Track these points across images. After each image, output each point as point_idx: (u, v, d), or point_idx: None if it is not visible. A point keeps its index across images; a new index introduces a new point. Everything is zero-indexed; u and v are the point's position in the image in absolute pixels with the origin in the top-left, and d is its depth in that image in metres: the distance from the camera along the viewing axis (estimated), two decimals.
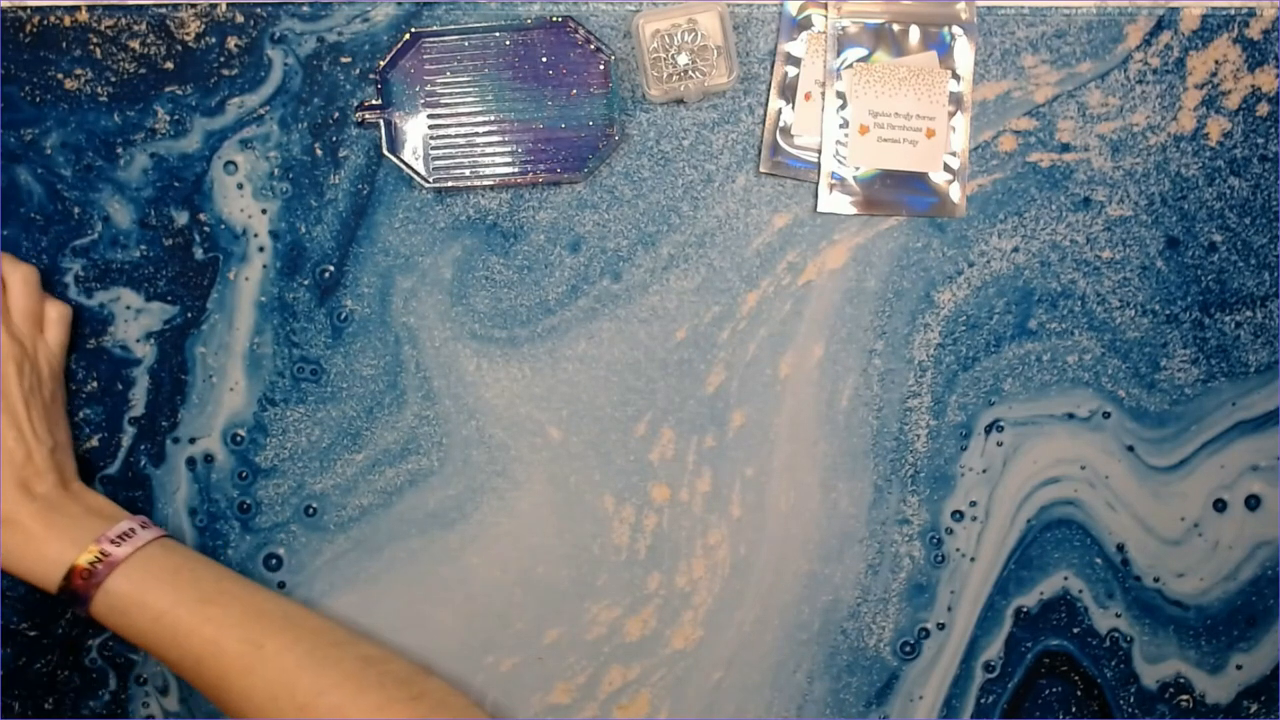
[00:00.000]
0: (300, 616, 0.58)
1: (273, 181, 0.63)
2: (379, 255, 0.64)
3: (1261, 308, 0.65)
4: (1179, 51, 0.63)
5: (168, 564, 0.57)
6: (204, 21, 0.62)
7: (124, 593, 0.55)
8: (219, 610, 0.56)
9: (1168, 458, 0.65)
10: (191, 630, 0.55)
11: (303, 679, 0.55)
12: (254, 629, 0.56)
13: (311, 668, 0.55)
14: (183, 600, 0.56)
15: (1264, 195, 0.64)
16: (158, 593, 0.56)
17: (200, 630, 0.55)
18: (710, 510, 0.65)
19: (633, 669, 0.65)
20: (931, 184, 0.64)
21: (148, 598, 0.55)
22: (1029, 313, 0.64)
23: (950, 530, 0.65)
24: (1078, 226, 0.64)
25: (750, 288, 0.64)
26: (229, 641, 0.55)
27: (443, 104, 0.62)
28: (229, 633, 0.55)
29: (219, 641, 0.55)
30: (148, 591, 0.56)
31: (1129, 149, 0.64)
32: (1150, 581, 0.65)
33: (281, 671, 0.55)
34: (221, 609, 0.56)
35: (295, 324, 0.64)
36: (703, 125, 0.64)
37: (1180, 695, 0.66)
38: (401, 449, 0.64)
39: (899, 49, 0.63)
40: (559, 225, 0.64)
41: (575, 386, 0.64)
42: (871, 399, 0.65)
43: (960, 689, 0.66)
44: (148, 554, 0.57)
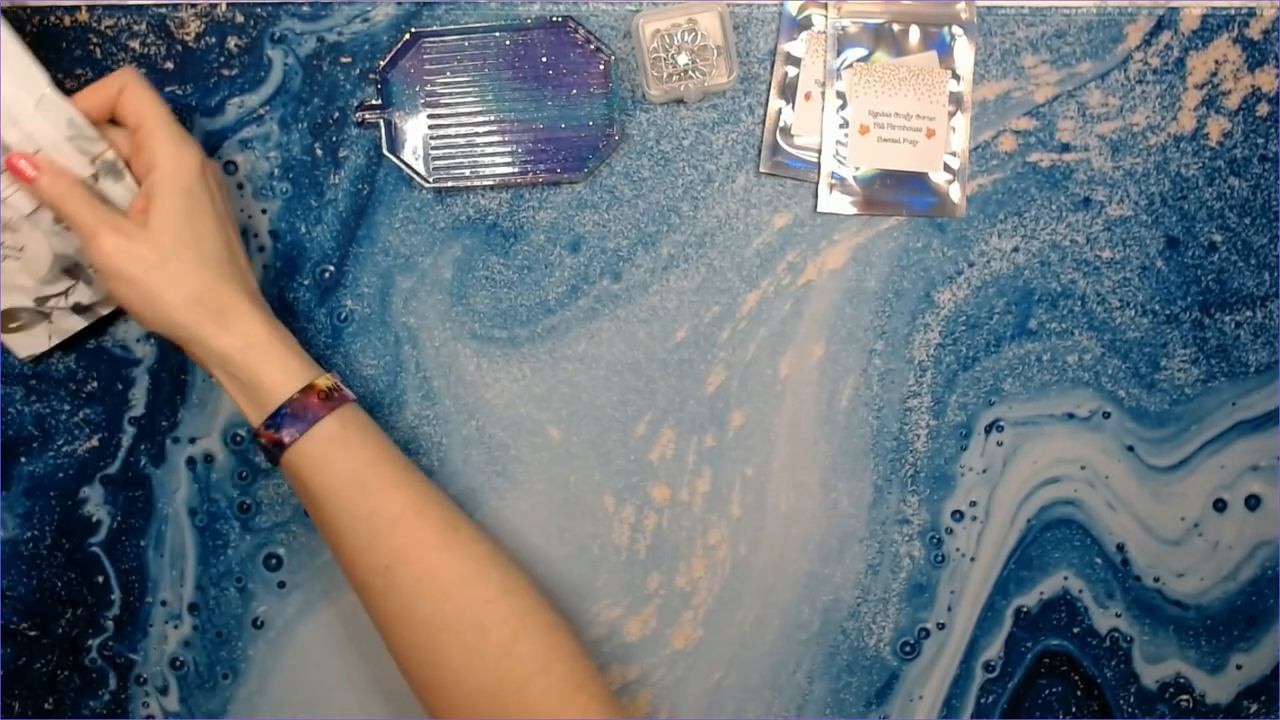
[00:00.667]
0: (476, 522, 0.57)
1: (273, 181, 0.63)
2: (379, 255, 0.64)
3: (1261, 308, 0.65)
4: (1179, 51, 0.63)
5: (372, 423, 0.56)
6: (204, 21, 0.62)
7: (340, 433, 0.54)
8: (422, 481, 0.55)
9: (1168, 458, 0.65)
10: (400, 487, 0.54)
11: (492, 572, 0.54)
12: (451, 511, 0.55)
13: (501, 564, 0.54)
14: (392, 458, 0.55)
15: (1264, 195, 0.64)
16: (373, 441, 0.55)
17: (407, 492, 0.54)
18: (710, 510, 0.65)
19: (633, 669, 0.65)
20: (931, 184, 0.64)
21: (367, 440, 0.54)
22: (1029, 313, 0.64)
23: (950, 530, 0.65)
24: (1078, 226, 0.64)
25: (750, 288, 0.64)
26: (431, 513, 0.54)
27: (443, 104, 0.62)
28: (432, 505, 0.54)
29: (422, 509, 0.54)
30: (366, 435, 0.54)
31: (1129, 149, 0.64)
32: (1150, 581, 0.65)
33: (474, 559, 0.54)
34: (424, 481, 0.55)
35: (295, 324, 0.64)
36: (703, 125, 0.64)
37: (1180, 695, 0.66)
38: (401, 449, 0.64)
39: (899, 49, 0.63)
40: (559, 225, 0.64)
41: (575, 386, 0.64)
42: (871, 399, 0.65)
43: (960, 689, 0.66)
44: (357, 408, 0.56)
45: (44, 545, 0.64)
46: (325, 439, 0.54)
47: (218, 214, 0.56)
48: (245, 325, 0.54)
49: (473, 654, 0.52)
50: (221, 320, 0.54)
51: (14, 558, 0.64)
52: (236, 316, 0.54)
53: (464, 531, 0.54)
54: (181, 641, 0.64)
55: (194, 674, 0.65)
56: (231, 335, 0.54)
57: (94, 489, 0.64)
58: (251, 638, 0.64)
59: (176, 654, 0.64)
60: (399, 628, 0.53)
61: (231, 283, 0.55)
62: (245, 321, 0.54)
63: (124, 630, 0.64)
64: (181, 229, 0.54)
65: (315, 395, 0.54)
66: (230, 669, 0.64)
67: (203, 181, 0.55)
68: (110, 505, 0.64)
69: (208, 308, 0.54)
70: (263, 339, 0.54)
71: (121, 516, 0.64)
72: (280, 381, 0.54)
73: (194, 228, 0.54)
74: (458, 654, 0.52)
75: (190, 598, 0.64)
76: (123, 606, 0.64)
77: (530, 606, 0.54)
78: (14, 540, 0.64)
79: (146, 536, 0.64)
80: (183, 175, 0.54)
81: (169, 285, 0.53)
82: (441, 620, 0.52)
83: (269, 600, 0.64)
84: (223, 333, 0.54)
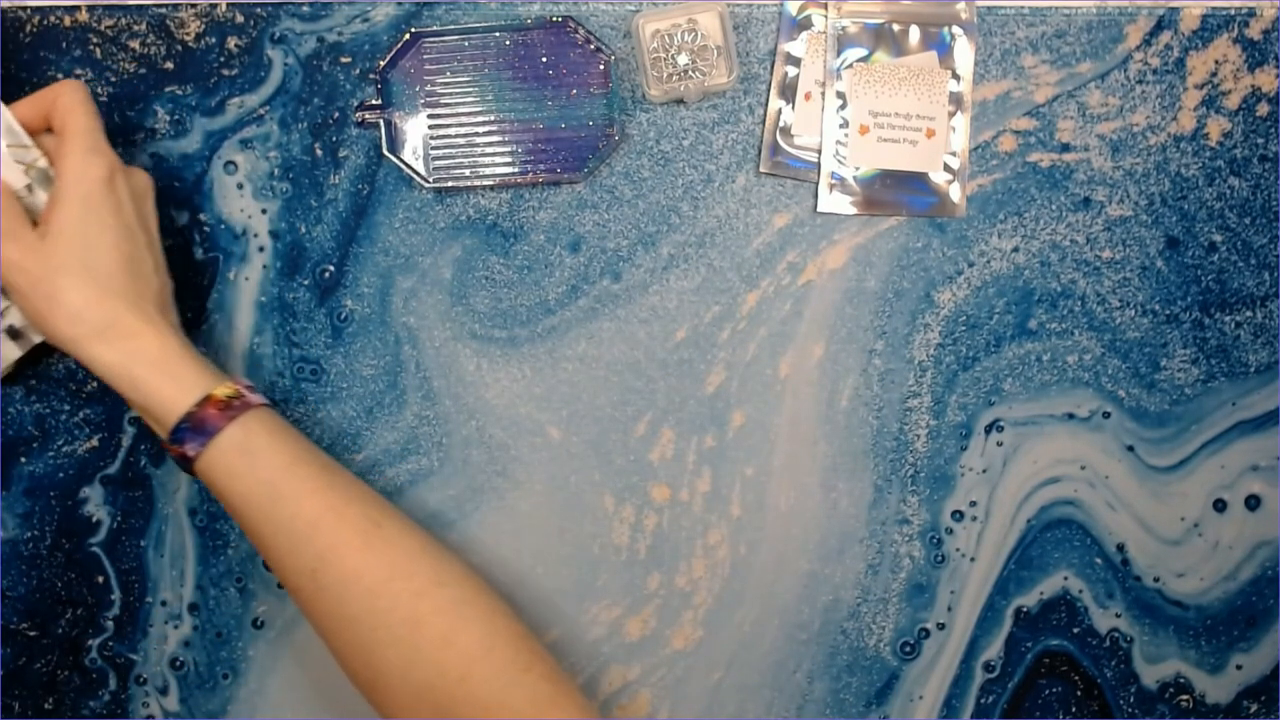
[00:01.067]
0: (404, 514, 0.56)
1: (273, 181, 0.63)
2: (379, 255, 0.64)
3: (1261, 308, 0.65)
4: (1179, 51, 0.63)
5: (286, 426, 0.55)
6: (204, 21, 0.62)
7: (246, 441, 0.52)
8: (342, 480, 0.54)
9: (1168, 458, 0.65)
10: (316, 490, 0.52)
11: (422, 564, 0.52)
12: (375, 507, 0.54)
13: (433, 555, 0.53)
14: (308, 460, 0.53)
15: (1264, 195, 0.64)
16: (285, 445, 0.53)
17: (325, 494, 0.53)
18: (710, 510, 0.65)
19: (633, 669, 0.65)
20: (931, 184, 0.64)
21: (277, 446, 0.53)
22: (1029, 313, 0.64)
23: (950, 530, 0.65)
24: (1078, 226, 0.64)
25: (750, 288, 0.64)
26: (352, 512, 0.53)
27: (443, 104, 0.62)
28: (352, 504, 0.53)
29: (341, 510, 0.52)
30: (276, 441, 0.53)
31: (1129, 149, 0.64)
32: (1150, 581, 0.65)
33: (402, 553, 0.53)
34: (344, 480, 0.54)
35: (295, 324, 0.64)
36: (703, 125, 0.64)
37: (1180, 695, 0.66)
38: (401, 449, 0.64)
39: (899, 49, 0.63)
40: (559, 225, 0.64)
41: (575, 386, 0.64)
42: (871, 399, 0.65)
43: (960, 689, 0.66)
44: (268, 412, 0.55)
45: (44, 545, 0.64)
46: (230, 448, 0.53)
47: (122, 225, 0.54)
48: (131, 343, 0.53)
49: (409, 649, 0.51)
50: (105, 336, 0.53)
51: (14, 558, 0.64)
52: (122, 333, 0.53)
53: (388, 527, 0.53)
54: (181, 641, 0.64)
55: (194, 674, 0.65)
56: (115, 352, 0.53)
57: (94, 489, 0.64)
58: (251, 638, 0.64)
59: (176, 654, 0.64)
60: (334, 629, 0.53)
61: (121, 297, 0.53)
62: (131, 339, 0.53)
63: (124, 630, 0.64)
64: (73, 240, 0.53)
65: (213, 406, 0.53)
66: (230, 669, 0.64)
67: (107, 191, 0.54)
68: (110, 505, 0.64)
69: (89, 323, 0.52)
70: (151, 354, 0.53)
71: (121, 516, 0.64)
72: (173, 396, 0.53)
73: (86, 239, 0.53)
74: (394, 651, 0.51)
75: (190, 598, 0.64)
76: (123, 606, 0.64)
77: (467, 595, 0.53)
78: (14, 540, 0.64)
79: (146, 536, 0.64)
80: (83, 184, 0.53)
81: (52, 299, 0.52)
82: (373, 618, 0.51)
83: (269, 600, 0.64)
84: (106, 349, 0.53)
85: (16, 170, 0.55)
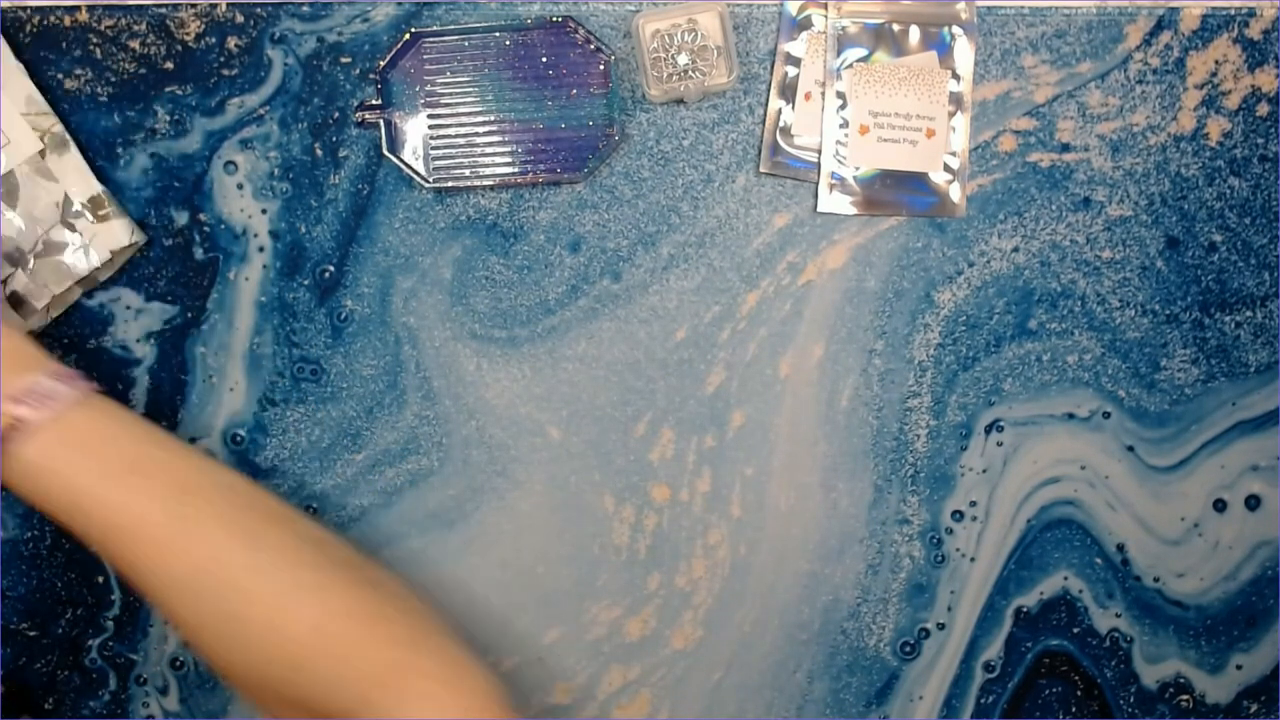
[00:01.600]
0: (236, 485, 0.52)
1: (273, 181, 0.63)
2: (379, 255, 0.64)
3: (1261, 308, 0.65)
4: (1179, 51, 0.63)
5: (90, 431, 0.50)
6: (204, 21, 0.62)
7: (36, 462, 0.48)
8: (141, 480, 0.50)
9: (1168, 458, 0.65)
10: (115, 506, 0.49)
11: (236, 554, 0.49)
12: (182, 500, 0.50)
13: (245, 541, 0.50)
14: (107, 472, 0.49)
15: (1264, 195, 0.64)
16: (77, 464, 0.49)
17: (126, 505, 0.49)
18: (710, 510, 0.65)
19: (633, 669, 0.65)
20: (931, 184, 0.64)
21: (65, 469, 0.49)
22: (1029, 313, 0.64)
23: (950, 530, 0.65)
24: (1078, 226, 0.64)
25: (750, 288, 0.64)
26: (154, 513, 0.49)
27: (443, 104, 0.62)
28: (153, 505, 0.49)
29: (144, 515, 0.49)
30: (66, 462, 0.49)
31: (1129, 149, 0.64)
32: (1150, 581, 0.65)
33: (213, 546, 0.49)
34: (144, 478, 0.50)
35: (295, 324, 0.64)
36: (703, 125, 0.64)
37: (1180, 695, 0.66)
38: (401, 449, 0.64)
39: (899, 49, 0.63)
40: (559, 225, 0.64)
41: (575, 386, 0.64)
42: (871, 399, 0.65)
43: (960, 689, 0.66)
44: (68, 421, 0.50)
45: (44, 545, 0.64)
46: (19, 477, 0.49)
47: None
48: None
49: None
50: None
51: (14, 558, 0.64)
52: None
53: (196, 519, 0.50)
54: (181, 642, 0.64)
55: (194, 674, 0.65)
56: None
57: None
58: None
59: (176, 654, 0.64)
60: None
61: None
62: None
63: (124, 630, 0.64)
64: None
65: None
66: None
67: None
68: None
69: None
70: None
71: None
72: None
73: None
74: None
75: None
76: (123, 606, 0.64)
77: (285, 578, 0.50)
78: (14, 540, 0.64)
79: None
80: None
81: None
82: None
83: None
84: None
85: (31, 136, 0.58)
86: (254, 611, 0.49)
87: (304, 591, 0.50)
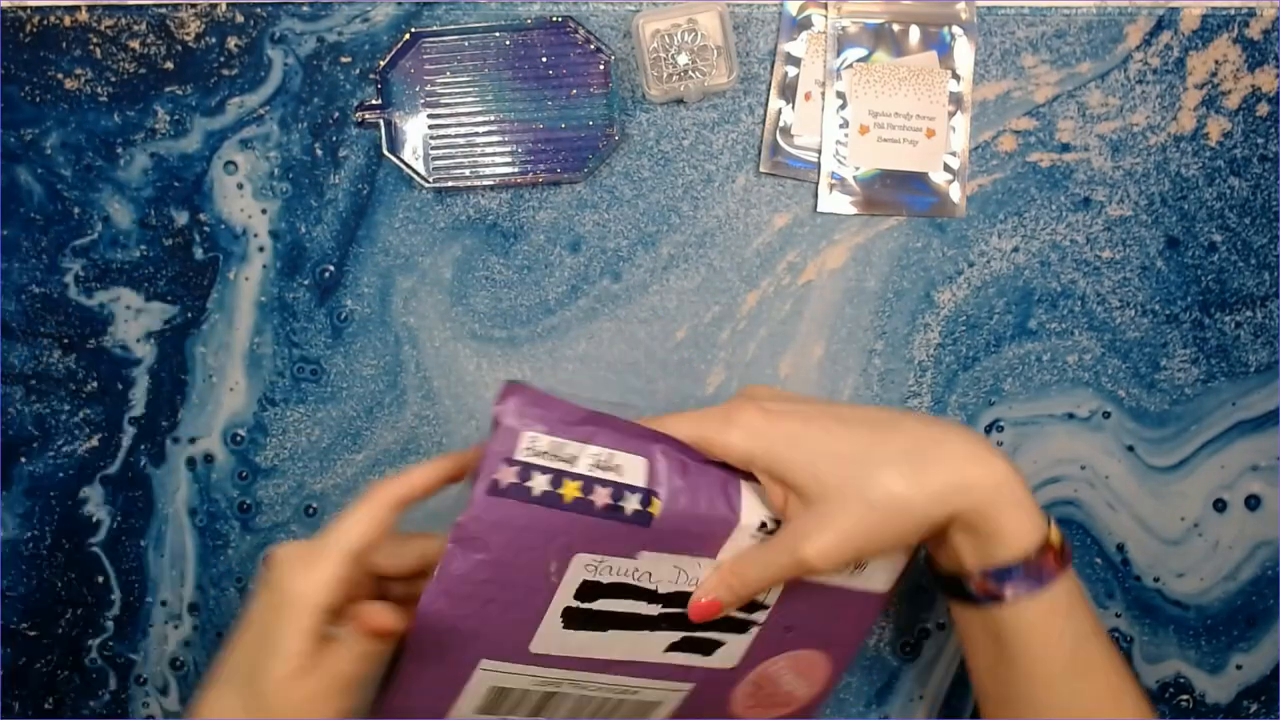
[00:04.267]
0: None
1: (273, 181, 0.63)
2: (379, 255, 0.64)
3: (1261, 308, 0.65)
4: (1179, 51, 0.63)
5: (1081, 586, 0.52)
6: (204, 21, 0.63)
7: (1064, 599, 0.49)
8: (1121, 664, 0.52)
9: (1168, 458, 0.65)
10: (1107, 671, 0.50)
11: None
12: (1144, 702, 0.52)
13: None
14: (1101, 632, 0.51)
15: (1264, 195, 0.64)
16: (1087, 611, 0.51)
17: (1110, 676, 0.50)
18: None
19: None
20: (931, 184, 0.64)
21: (1081, 610, 0.50)
22: (1029, 313, 0.64)
23: None
24: (1078, 226, 0.64)
25: (750, 288, 0.64)
26: (1127, 703, 0.51)
27: (443, 104, 0.62)
28: (1127, 696, 0.51)
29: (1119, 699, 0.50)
30: (1080, 604, 0.50)
31: (1129, 149, 0.64)
32: (1150, 581, 0.65)
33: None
34: (1122, 664, 0.52)
35: (295, 324, 0.64)
36: (703, 125, 0.64)
37: (1180, 695, 0.66)
38: (401, 449, 0.64)
39: (899, 49, 0.63)
40: (559, 225, 0.64)
41: (575, 386, 0.64)
42: (871, 399, 0.65)
43: (960, 689, 0.66)
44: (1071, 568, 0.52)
45: (44, 545, 0.64)
46: (1049, 602, 0.49)
47: None
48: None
49: None
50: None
51: (14, 558, 0.64)
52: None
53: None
54: (181, 642, 0.64)
55: (194, 674, 0.65)
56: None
57: (94, 489, 0.64)
58: None
59: (176, 654, 0.64)
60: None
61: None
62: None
63: (124, 630, 0.64)
64: None
65: (1051, 553, 0.49)
66: None
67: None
68: (110, 505, 0.64)
69: None
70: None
71: (121, 516, 0.64)
72: (1017, 531, 0.49)
73: None
74: None
75: (190, 598, 0.64)
76: (123, 606, 0.64)
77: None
78: (14, 540, 0.64)
79: (146, 537, 0.64)
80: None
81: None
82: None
83: None
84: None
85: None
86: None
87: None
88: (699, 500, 0.51)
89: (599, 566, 0.51)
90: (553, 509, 0.49)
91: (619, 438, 0.50)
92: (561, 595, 0.51)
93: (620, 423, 0.51)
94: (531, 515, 0.49)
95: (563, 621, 0.52)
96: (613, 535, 0.50)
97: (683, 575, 0.53)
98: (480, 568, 0.49)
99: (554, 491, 0.49)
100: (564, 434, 0.49)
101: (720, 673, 0.57)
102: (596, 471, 0.49)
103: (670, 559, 0.52)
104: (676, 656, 0.55)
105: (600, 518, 0.50)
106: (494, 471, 0.48)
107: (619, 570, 0.51)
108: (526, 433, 0.48)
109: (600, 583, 0.52)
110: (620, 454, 0.50)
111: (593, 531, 0.50)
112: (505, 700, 0.55)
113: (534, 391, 0.49)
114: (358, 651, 0.47)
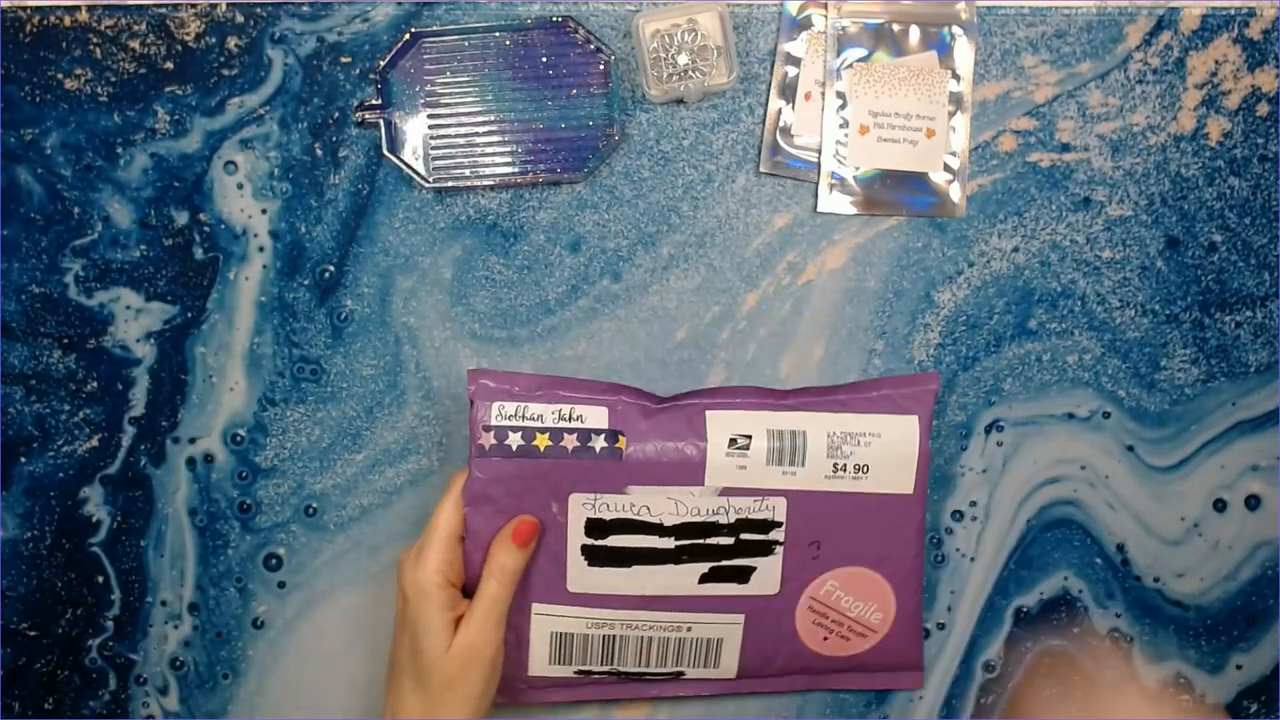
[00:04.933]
0: None
1: (273, 181, 0.63)
2: (379, 255, 0.64)
3: (1261, 308, 0.65)
4: (1179, 51, 0.63)
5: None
6: (204, 21, 0.63)
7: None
8: None
9: (1168, 458, 0.65)
10: None
11: None
12: None
13: None
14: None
15: (1264, 195, 0.64)
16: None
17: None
18: None
19: None
20: (931, 184, 0.64)
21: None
22: (1029, 313, 0.64)
23: (950, 530, 0.65)
24: (1078, 226, 0.64)
25: (750, 288, 0.64)
26: None
27: (443, 104, 0.62)
28: None
29: None
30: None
31: (1129, 149, 0.64)
32: (1150, 581, 0.65)
33: None
34: None
35: (295, 324, 0.64)
36: (703, 125, 0.64)
37: (1180, 695, 0.66)
38: (401, 449, 0.64)
39: (899, 49, 0.63)
40: (559, 225, 0.64)
41: None
42: None
43: (960, 689, 0.66)
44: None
45: (44, 545, 0.64)
46: None
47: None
48: None
49: None
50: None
51: (14, 558, 0.64)
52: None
53: None
54: (181, 641, 0.64)
55: (194, 674, 0.65)
56: None
57: (94, 489, 0.64)
58: (251, 638, 0.64)
59: (176, 654, 0.64)
60: None
61: None
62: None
63: (124, 630, 0.64)
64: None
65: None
66: (230, 669, 0.64)
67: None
68: (110, 505, 0.64)
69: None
70: None
71: (121, 516, 0.64)
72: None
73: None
74: None
75: (190, 598, 0.64)
76: (123, 606, 0.64)
77: None
78: (14, 540, 0.64)
79: (146, 536, 0.64)
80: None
81: None
82: None
83: (269, 600, 0.64)
84: None
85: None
86: None
87: None
88: (665, 432, 0.58)
89: (595, 503, 0.58)
90: (533, 459, 0.57)
91: (580, 395, 0.59)
92: (573, 534, 0.59)
93: (580, 383, 0.59)
94: (518, 467, 0.58)
95: (585, 559, 0.59)
96: (594, 473, 0.58)
97: (681, 506, 0.58)
98: (495, 518, 0.58)
99: (528, 445, 0.57)
100: (527, 399, 0.58)
101: (767, 600, 0.60)
102: (562, 423, 0.58)
103: (660, 491, 0.58)
104: (713, 588, 0.60)
105: (576, 459, 0.58)
106: (477, 438, 0.58)
107: (616, 506, 0.58)
108: (495, 403, 0.58)
109: (604, 519, 0.58)
110: (581, 407, 0.58)
111: (573, 472, 0.58)
112: (571, 648, 0.60)
113: (497, 372, 0.59)
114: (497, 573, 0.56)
